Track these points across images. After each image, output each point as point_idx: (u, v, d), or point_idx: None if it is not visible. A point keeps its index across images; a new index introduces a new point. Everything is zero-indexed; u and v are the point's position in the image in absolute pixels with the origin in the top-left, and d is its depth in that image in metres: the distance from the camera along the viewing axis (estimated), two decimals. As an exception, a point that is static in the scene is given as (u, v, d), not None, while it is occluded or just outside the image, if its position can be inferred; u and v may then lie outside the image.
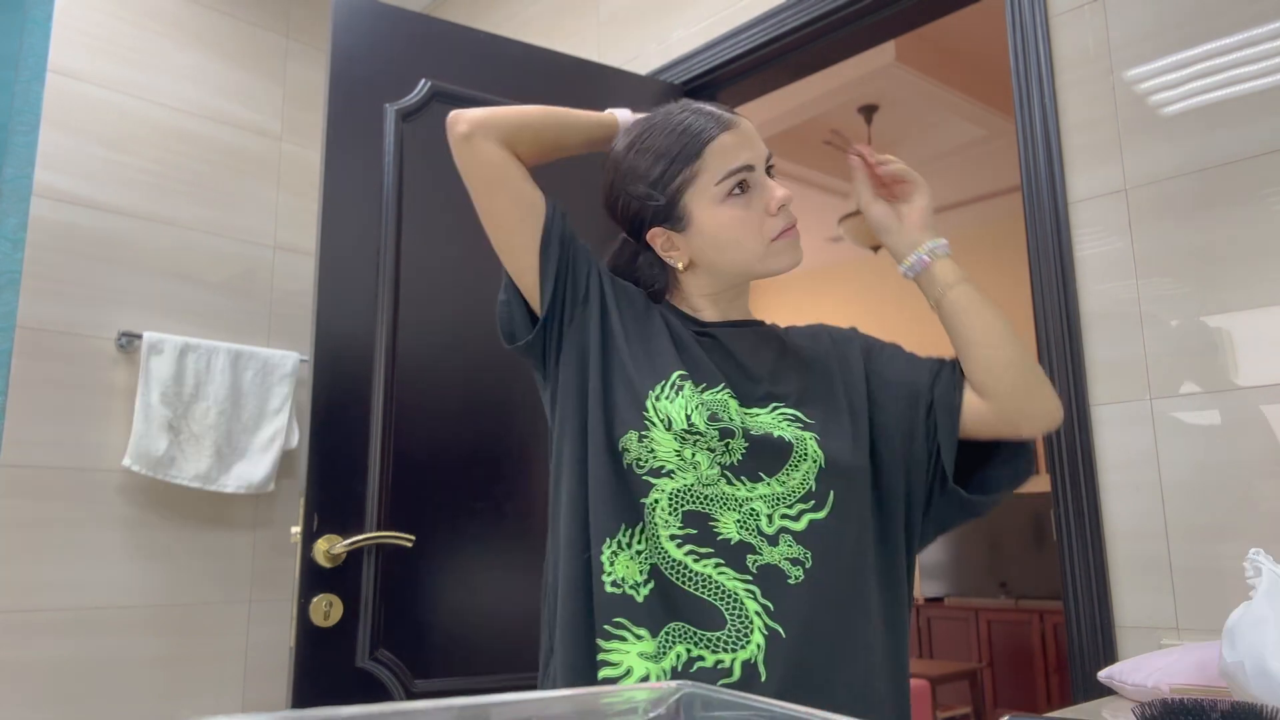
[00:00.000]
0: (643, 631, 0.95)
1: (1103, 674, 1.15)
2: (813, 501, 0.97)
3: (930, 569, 5.56)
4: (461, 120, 1.03)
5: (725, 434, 0.97)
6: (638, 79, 2.14)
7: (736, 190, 1.02)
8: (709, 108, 1.05)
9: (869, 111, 4.20)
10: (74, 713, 2.18)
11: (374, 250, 1.76)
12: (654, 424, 0.97)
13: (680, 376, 0.99)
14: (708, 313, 1.10)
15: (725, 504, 0.96)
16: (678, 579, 0.95)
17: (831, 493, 0.98)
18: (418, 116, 1.84)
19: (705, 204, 1.02)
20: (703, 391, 1.00)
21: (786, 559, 0.95)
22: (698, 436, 0.96)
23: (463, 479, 1.78)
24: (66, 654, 2.19)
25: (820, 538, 0.97)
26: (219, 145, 2.62)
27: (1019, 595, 5.12)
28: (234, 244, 2.61)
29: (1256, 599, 0.89)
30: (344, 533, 1.65)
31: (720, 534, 0.95)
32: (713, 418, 0.97)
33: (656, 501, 0.96)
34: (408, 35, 1.85)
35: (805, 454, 0.98)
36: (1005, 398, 1.01)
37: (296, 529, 1.64)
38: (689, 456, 0.96)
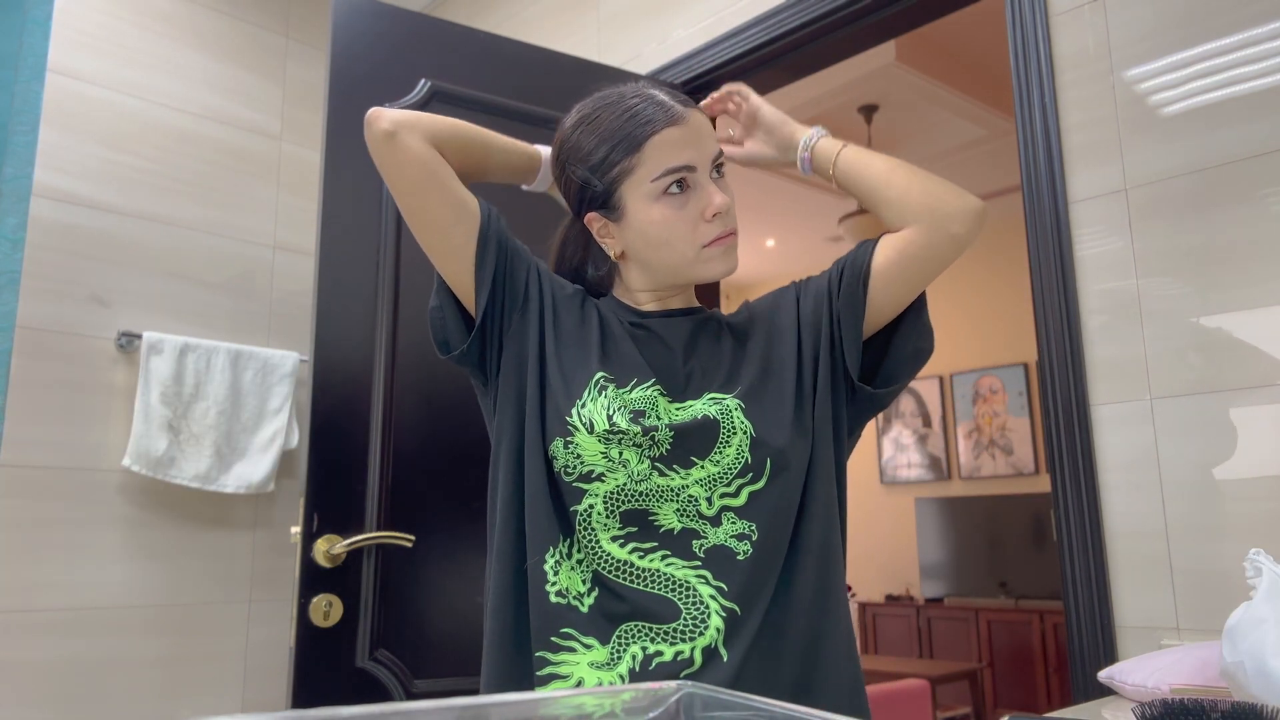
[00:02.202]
0: (591, 641, 0.93)
1: (1103, 674, 1.15)
2: (750, 474, 0.96)
3: (930, 569, 5.56)
4: (383, 118, 0.98)
5: (649, 430, 0.95)
6: (637, 79, 2.14)
7: (674, 189, 0.98)
8: (661, 96, 1.01)
9: (869, 111, 4.20)
10: (74, 713, 2.18)
11: (374, 250, 1.76)
12: (577, 428, 0.95)
13: (604, 378, 0.98)
14: (648, 305, 1.08)
15: (662, 496, 0.95)
16: (625, 579, 0.94)
17: (769, 460, 0.96)
18: (418, 116, 1.84)
19: (640, 199, 0.99)
20: (631, 389, 0.98)
21: (732, 536, 0.94)
22: (621, 435, 0.94)
23: (463, 479, 1.78)
24: (66, 654, 2.19)
25: (763, 508, 0.95)
26: (219, 145, 2.62)
27: (1019, 595, 5.12)
28: (234, 244, 2.61)
29: (1256, 599, 0.89)
30: (344, 533, 1.65)
31: (662, 526, 0.94)
32: (636, 415, 0.96)
33: (591, 507, 0.95)
34: (407, 35, 1.85)
35: (734, 428, 0.96)
36: (926, 211, 1.00)
37: (296, 529, 1.64)
38: (617, 456, 0.95)
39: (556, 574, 0.95)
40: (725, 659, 0.91)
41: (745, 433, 0.96)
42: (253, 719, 0.36)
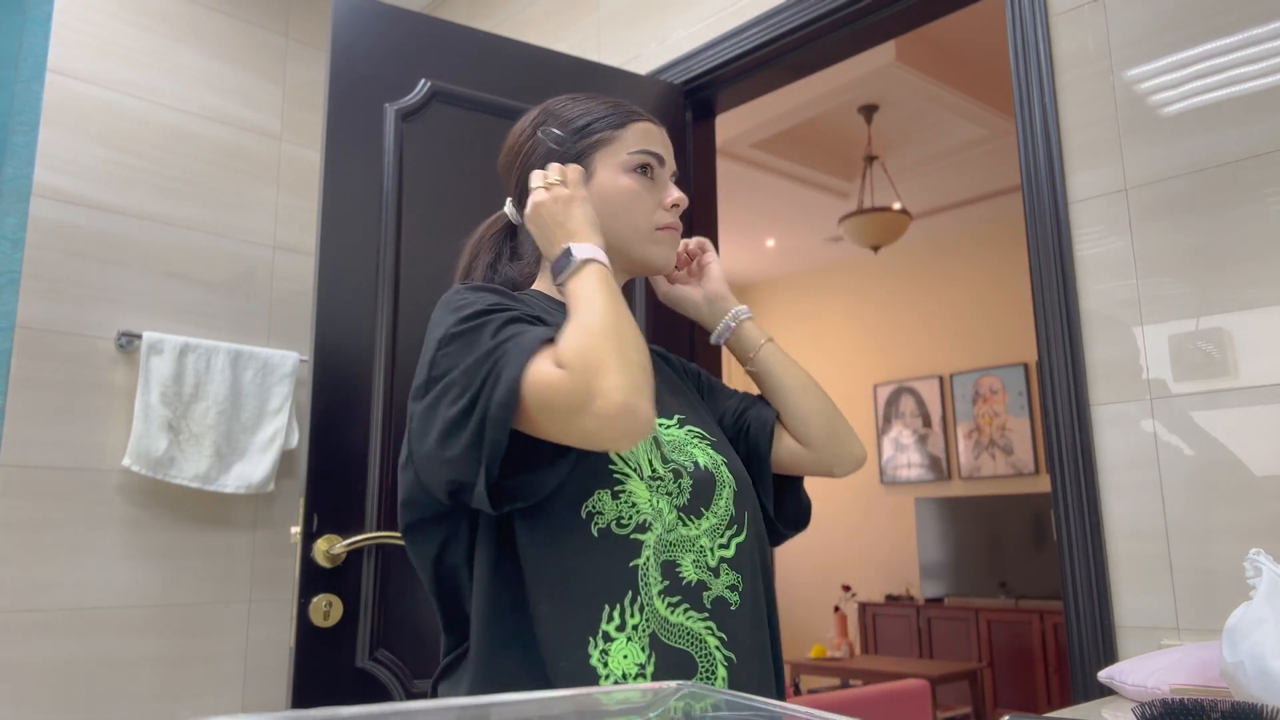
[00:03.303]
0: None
1: (1103, 674, 1.15)
2: (736, 526, 0.98)
3: (930, 569, 5.56)
4: (642, 405, 0.81)
5: (676, 475, 0.94)
6: (637, 79, 2.14)
7: (641, 170, 1.05)
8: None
9: (869, 111, 4.20)
10: (74, 713, 2.18)
11: (374, 250, 1.76)
12: (628, 474, 0.89)
13: None
14: None
15: (685, 546, 0.93)
16: (667, 638, 0.89)
17: (746, 513, 1.00)
18: (418, 116, 1.84)
19: (612, 165, 1.04)
20: None
21: (727, 587, 0.95)
22: (659, 481, 0.92)
23: (463, 479, 1.78)
24: (66, 654, 2.19)
25: (746, 559, 0.98)
26: (219, 145, 2.62)
27: (1019, 595, 5.12)
28: (234, 244, 2.61)
29: (1256, 599, 0.89)
30: (344, 533, 1.65)
31: (684, 578, 0.92)
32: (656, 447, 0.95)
33: (647, 560, 0.89)
34: (407, 35, 1.85)
35: (724, 481, 0.99)
36: (820, 444, 1.11)
37: (296, 529, 1.64)
38: (655, 504, 0.91)
39: (606, 663, 0.84)
40: None
41: (731, 486, 0.99)
42: (253, 719, 0.36)
